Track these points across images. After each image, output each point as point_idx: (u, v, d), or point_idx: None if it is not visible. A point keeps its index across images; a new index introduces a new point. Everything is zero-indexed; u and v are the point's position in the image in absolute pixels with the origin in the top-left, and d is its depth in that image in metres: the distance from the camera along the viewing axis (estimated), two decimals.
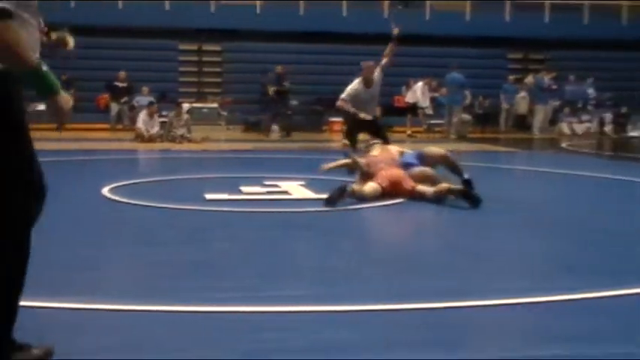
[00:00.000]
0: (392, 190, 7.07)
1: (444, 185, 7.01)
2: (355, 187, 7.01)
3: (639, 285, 3.92)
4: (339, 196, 6.65)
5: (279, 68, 18.80)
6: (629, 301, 3.70)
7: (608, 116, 20.83)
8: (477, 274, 4.27)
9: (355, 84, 9.75)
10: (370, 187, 7.03)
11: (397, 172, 7.24)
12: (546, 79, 19.83)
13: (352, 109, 9.54)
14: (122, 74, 19.41)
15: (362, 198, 6.86)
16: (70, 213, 6.11)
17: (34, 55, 2.55)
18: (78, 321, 3.27)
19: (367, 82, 9.71)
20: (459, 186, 7.16)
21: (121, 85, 19.38)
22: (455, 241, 5.35)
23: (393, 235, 5.75)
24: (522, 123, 20.64)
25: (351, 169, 7.67)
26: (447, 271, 4.30)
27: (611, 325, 3.31)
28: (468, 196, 6.82)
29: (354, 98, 9.61)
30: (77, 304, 3.44)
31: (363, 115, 9.48)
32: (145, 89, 19.20)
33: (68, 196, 6.96)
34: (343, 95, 9.74)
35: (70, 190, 7.43)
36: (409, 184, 7.15)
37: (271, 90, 18.66)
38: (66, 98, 2.63)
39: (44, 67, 2.54)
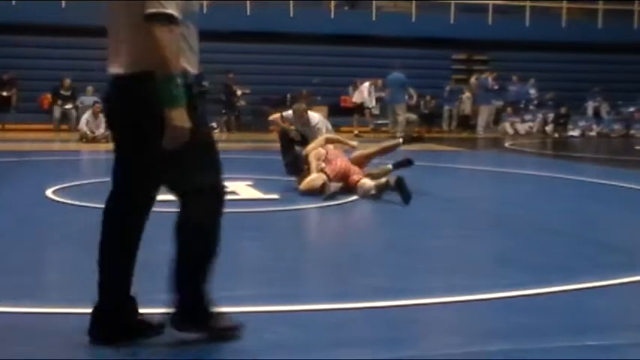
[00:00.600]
0: (338, 181, 7.42)
1: (383, 180, 7.32)
2: (300, 185, 7.43)
3: (579, 281, 4.02)
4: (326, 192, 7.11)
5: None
6: (570, 297, 3.79)
7: (549, 116, 21.31)
8: (419, 272, 4.32)
9: (290, 113, 8.96)
10: (315, 177, 7.37)
11: (346, 165, 7.60)
12: (490, 79, 20.23)
13: (284, 125, 8.83)
14: (67, 82, 19.00)
15: (309, 190, 7.25)
16: (11, 215, 5.99)
17: (181, 64, 2.66)
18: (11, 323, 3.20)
19: (299, 120, 8.81)
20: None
21: (65, 93, 19.00)
22: (398, 240, 5.40)
23: (338, 235, 5.78)
24: (467, 123, 20.96)
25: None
26: (390, 270, 4.35)
27: (552, 319, 3.39)
28: (402, 188, 6.95)
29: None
30: (14, 307, 3.36)
31: (293, 134, 8.83)
32: (90, 89, 18.86)
33: (9, 197, 6.82)
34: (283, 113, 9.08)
35: (11, 191, 7.28)
36: (355, 178, 7.44)
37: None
38: (182, 117, 2.64)
39: (179, 80, 2.62)
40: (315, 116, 8.89)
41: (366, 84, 19.38)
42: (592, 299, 3.77)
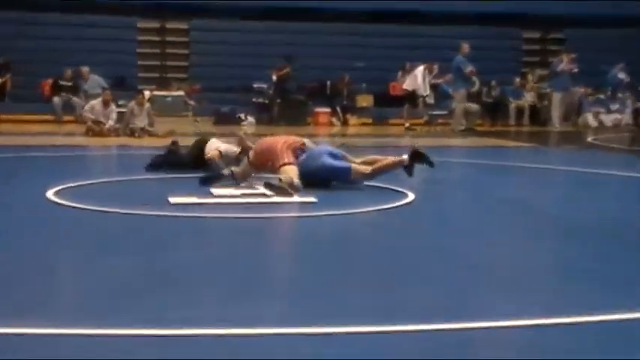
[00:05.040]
0: (260, 162, 7.95)
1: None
2: (235, 169, 8.03)
3: None
4: (215, 178, 7.80)
5: None
6: None
7: None
8: (478, 289, 4.30)
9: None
10: (241, 165, 8.08)
11: (272, 143, 7.97)
12: (565, 61, 19.64)
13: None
14: (68, 72, 19.29)
15: (239, 178, 7.89)
16: (6, 220, 6.11)
17: None
18: (12, 347, 3.29)
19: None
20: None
21: (66, 84, 19.29)
22: (451, 251, 5.36)
23: (379, 244, 5.76)
24: (539, 114, 20.73)
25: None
26: (443, 286, 4.34)
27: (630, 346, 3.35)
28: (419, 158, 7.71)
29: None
30: (12, 328, 3.45)
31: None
32: (95, 76, 19.14)
33: (4, 200, 6.95)
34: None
35: (6, 193, 7.42)
36: (282, 159, 7.76)
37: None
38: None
39: None
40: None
41: (420, 68, 19.26)
42: None
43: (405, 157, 7.98)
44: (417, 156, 7.96)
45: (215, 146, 9.16)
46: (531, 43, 23.46)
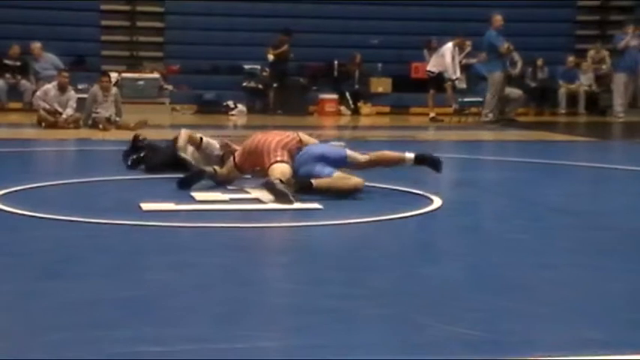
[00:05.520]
0: (248, 165, 8.11)
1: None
2: (218, 169, 8.24)
3: None
4: (196, 177, 8.02)
5: None
6: None
7: None
8: (524, 317, 4.28)
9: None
10: (226, 166, 8.26)
11: (262, 141, 7.96)
12: (630, 34, 19.55)
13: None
14: (15, 48, 19.30)
15: (222, 180, 8.12)
16: None
17: None
18: None
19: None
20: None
21: (12, 63, 19.31)
22: (489, 270, 5.35)
23: (402, 261, 5.74)
24: (597, 101, 20.75)
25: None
26: (481, 313, 4.31)
27: None
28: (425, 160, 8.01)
29: None
30: None
31: None
32: (49, 55, 19.16)
33: None
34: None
35: None
36: (274, 157, 7.77)
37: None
38: None
39: None
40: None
41: (449, 45, 19.21)
42: None
43: (410, 156, 8.10)
44: (422, 160, 8.14)
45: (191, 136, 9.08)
46: (588, 12, 23.43)
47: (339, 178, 7.73)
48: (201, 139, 9.01)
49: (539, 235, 6.52)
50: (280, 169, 7.64)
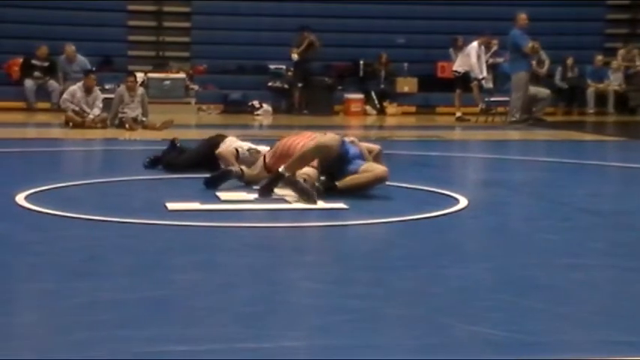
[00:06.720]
0: (279, 166, 7.73)
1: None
2: (245, 169, 8.24)
3: None
4: (223, 177, 8.03)
5: None
6: None
7: None
8: (550, 318, 4.25)
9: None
10: (255, 167, 8.30)
11: (296, 142, 7.95)
12: None
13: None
14: (43, 49, 19.34)
15: (250, 181, 8.06)
16: None
17: None
18: None
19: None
20: None
21: (40, 64, 19.35)
22: (515, 271, 5.33)
23: (424, 261, 5.72)
24: (627, 100, 20.62)
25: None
26: (507, 314, 4.29)
27: None
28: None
29: None
30: None
31: None
32: (81, 57, 19.24)
33: None
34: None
35: None
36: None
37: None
38: None
39: None
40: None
41: (474, 44, 19.17)
42: None
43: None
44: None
45: (234, 145, 8.94)
46: (618, 10, 23.26)
47: (363, 171, 7.71)
48: (237, 152, 8.79)
49: (567, 235, 6.48)
50: (306, 170, 7.65)
